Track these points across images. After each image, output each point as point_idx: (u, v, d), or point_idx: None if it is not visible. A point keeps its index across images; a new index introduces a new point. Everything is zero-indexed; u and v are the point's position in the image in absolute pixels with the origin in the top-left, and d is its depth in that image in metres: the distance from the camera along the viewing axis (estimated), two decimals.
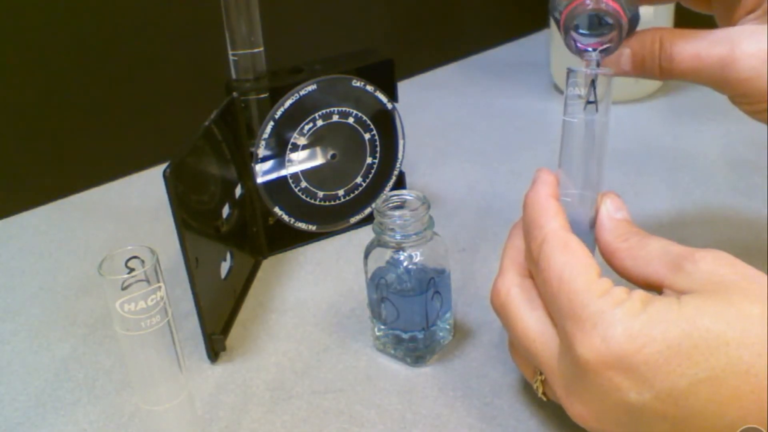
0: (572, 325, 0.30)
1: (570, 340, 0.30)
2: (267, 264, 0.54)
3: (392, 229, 0.40)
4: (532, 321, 0.33)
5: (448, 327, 0.44)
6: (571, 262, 0.31)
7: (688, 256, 0.31)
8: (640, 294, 0.30)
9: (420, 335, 0.42)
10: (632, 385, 0.28)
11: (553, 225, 0.33)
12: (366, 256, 0.42)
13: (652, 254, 0.32)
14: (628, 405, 0.29)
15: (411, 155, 0.59)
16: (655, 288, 0.32)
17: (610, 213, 0.35)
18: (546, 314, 0.33)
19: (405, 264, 0.41)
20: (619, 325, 0.28)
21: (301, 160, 0.53)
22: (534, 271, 0.34)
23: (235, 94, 0.50)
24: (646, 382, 0.28)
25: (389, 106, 0.55)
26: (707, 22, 0.39)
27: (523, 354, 0.35)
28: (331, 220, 0.56)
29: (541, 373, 0.34)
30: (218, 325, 0.45)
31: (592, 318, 0.29)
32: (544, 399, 0.35)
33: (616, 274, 0.34)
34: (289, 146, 0.52)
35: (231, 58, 0.51)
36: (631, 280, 0.33)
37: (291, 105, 0.51)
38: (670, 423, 0.28)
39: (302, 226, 0.55)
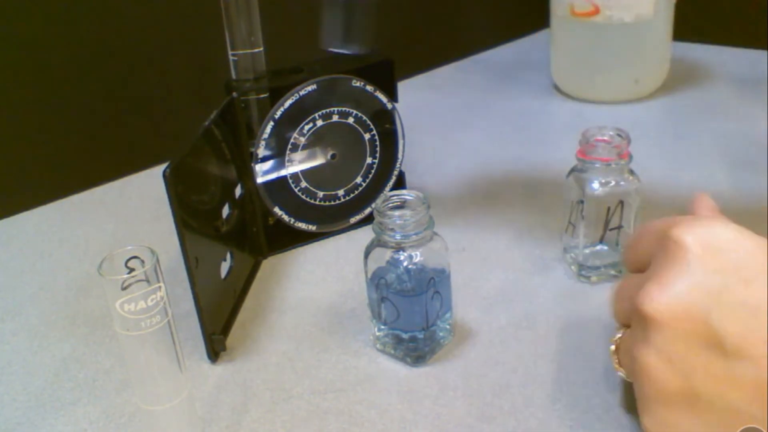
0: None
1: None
2: (267, 264, 0.54)
3: (392, 229, 0.40)
4: None
5: (448, 327, 0.44)
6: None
7: None
8: None
9: (420, 335, 0.42)
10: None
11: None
12: (366, 256, 0.42)
13: None
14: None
15: (411, 155, 0.59)
16: None
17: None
18: None
19: (405, 264, 0.41)
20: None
21: (301, 160, 0.53)
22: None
23: (235, 94, 0.50)
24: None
25: (389, 106, 0.55)
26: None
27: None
28: (331, 220, 0.56)
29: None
30: (218, 325, 0.45)
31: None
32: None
33: None
34: (289, 146, 0.52)
35: (231, 58, 0.51)
36: None
37: (291, 105, 0.51)
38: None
39: (302, 226, 0.55)
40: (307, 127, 0.52)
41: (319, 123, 0.52)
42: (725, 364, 0.30)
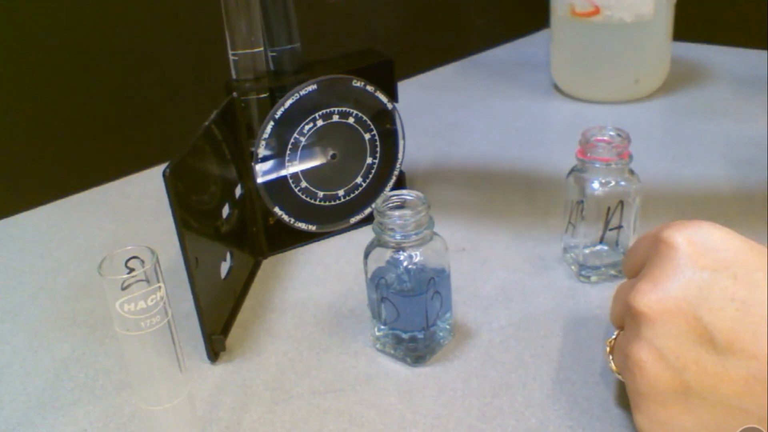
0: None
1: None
2: (267, 264, 0.54)
3: (392, 229, 0.40)
4: None
5: (448, 327, 0.44)
6: None
7: None
8: None
9: (420, 335, 0.42)
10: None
11: None
12: (366, 256, 0.42)
13: None
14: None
15: (411, 155, 0.59)
16: None
17: None
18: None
19: (405, 264, 0.41)
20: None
21: (301, 160, 0.53)
22: None
23: (235, 94, 0.50)
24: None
25: (389, 106, 0.55)
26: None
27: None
28: (331, 220, 0.56)
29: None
30: (218, 325, 0.45)
31: None
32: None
33: None
34: (289, 146, 0.52)
35: (231, 58, 0.51)
36: None
37: (291, 105, 0.51)
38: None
39: (302, 226, 0.55)
40: (307, 127, 0.52)
41: (320, 123, 0.52)
42: (716, 359, 0.30)
